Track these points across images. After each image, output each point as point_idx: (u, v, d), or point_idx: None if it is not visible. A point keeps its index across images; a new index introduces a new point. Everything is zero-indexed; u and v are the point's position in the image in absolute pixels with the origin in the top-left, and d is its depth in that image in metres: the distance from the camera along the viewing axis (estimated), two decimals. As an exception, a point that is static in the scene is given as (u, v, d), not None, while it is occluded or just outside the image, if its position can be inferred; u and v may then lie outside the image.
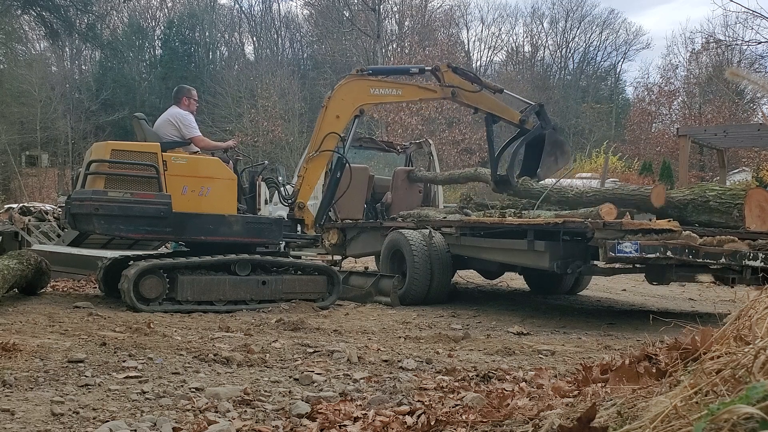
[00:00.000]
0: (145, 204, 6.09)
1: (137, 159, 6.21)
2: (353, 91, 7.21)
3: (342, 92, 7.20)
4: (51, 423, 2.50)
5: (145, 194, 6.12)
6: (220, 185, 6.40)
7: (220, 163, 6.54)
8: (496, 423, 2.05)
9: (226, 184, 6.43)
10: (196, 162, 6.46)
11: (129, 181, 6.17)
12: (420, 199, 10.11)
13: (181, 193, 6.24)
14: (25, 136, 34.25)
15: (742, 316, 1.70)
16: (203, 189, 6.31)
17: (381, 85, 7.30)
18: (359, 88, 7.23)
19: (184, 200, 6.23)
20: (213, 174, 6.42)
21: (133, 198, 6.09)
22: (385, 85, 7.33)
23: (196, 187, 6.29)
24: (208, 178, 6.38)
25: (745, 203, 5.96)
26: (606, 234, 5.36)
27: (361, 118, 7.39)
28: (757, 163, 24.32)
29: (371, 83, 7.27)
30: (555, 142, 7.82)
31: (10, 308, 5.59)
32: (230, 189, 6.47)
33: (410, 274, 6.97)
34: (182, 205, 6.20)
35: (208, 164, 6.50)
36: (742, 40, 27.05)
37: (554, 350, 4.45)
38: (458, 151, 32.35)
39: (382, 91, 7.32)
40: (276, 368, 3.63)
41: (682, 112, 37.49)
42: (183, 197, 6.23)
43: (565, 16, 47.63)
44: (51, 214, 11.04)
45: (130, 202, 6.08)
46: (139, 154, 6.25)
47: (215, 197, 6.35)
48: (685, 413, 1.38)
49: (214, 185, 6.37)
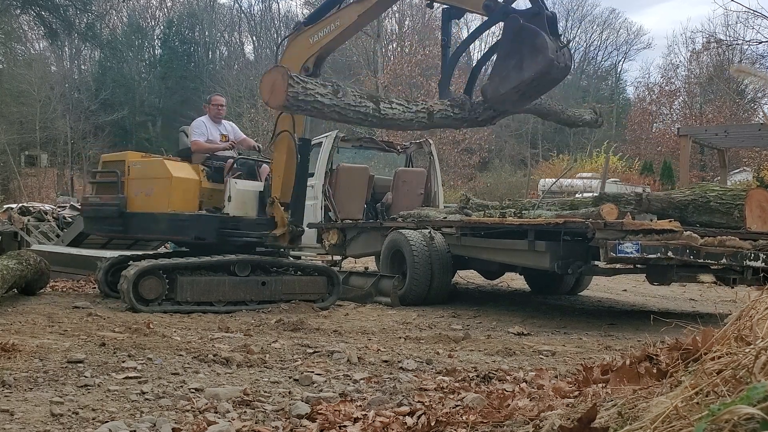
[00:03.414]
0: (106, 206, 6.94)
1: (111, 167, 7.14)
2: (294, 50, 6.47)
3: (284, 59, 6.47)
4: (50, 423, 2.50)
5: (109, 197, 6.96)
6: (162, 184, 6.60)
7: (163, 164, 6.71)
8: (497, 424, 2.04)
9: (165, 184, 6.57)
10: (145, 165, 6.89)
11: (103, 187, 7.20)
12: (420, 200, 10.11)
13: (134, 195, 6.78)
14: (25, 136, 34.25)
15: (743, 317, 1.69)
16: (149, 189, 6.69)
17: (318, 29, 6.35)
18: (299, 44, 6.46)
19: (137, 201, 6.75)
20: (156, 175, 6.71)
21: (101, 201, 7.06)
22: (322, 26, 6.34)
23: (145, 188, 6.72)
24: (153, 179, 6.72)
25: (746, 203, 5.96)
26: (607, 234, 5.35)
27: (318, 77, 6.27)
28: (758, 163, 24.34)
29: (308, 33, 6.41)
30: (520, 34, 5.10)
31: (10, 308, 5.59)
32: (177, 188, 6.55)
33: (410, 275, 6.96)
34: (135, 205, 6.75)
35: (153, 166, 6.84)
36: (743, 40, 27.07)
37: (555, 351, 4.44)
38: (458, 151, 32.36)
39: (321, 33, 6.32)
40: (276, 369, 3.62)
41: (682, 112, 37.50)
42: (136, 198, 6.77)
43: (566, 15, 47.63)
44: (50, 214, 11.04)
45: (98, 204, 7.12)
46: (113, 163, 7.18)
47: (157, 197, 6.64)
48: (685, 414, 1.37)
49: (157, 185, 6.65)
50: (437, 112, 5.69)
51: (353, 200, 9.83)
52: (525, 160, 40.94)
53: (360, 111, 5.33)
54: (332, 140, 9.93)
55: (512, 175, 36.38)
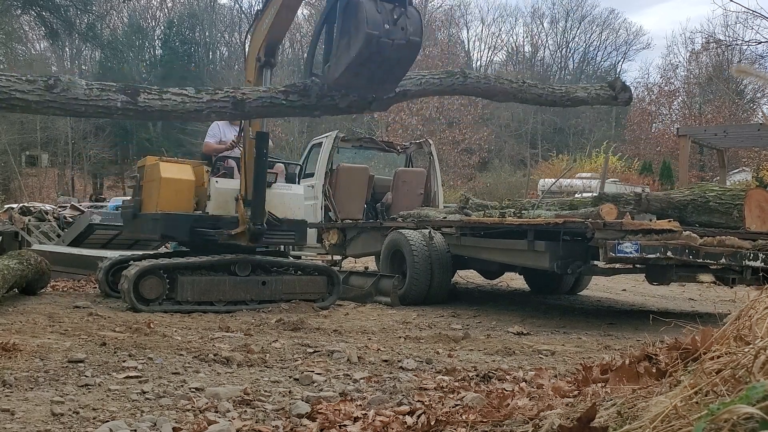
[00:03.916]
0: (128, 209, 7.37)
1: (137, 172, 7.49)
2: (253, 41, 6.26)
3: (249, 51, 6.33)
4: (51, 423, 2.50)
5: (131, 201, 7.44)
6: (155, 186, 6.67)
7: (156, 166, 6.73)
8: (496, 423, 2.05)
9: (156, 185, 6.62)
10: (151, 168, 6.96)
11: (133, 190, 7.72)
12: (420, 200, 10.12)
13: (147, 197, 6.92)
14: (25, 136, 34.26)
15: (742, 316, 1.70)
16: (151, 191, 6.81)
17: (266, 15, 6.00)
18: (256, 33, 6.21)
19: (147, 203, 6.92)
20: (153, 177, 6.79)
21: (129, 204, 7.46)
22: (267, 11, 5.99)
23: (150, 190, 6.84)
24: (151, 181, 6.83)
25: (745, 203, 5.96)
26: (606, 234, 5.35)
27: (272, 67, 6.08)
28: (757, 163, 24.35)
29: (259, 23, 6.14)
30: (347, 6, 4.26)
31: (10, 308, 5.59)
32: (166, 189, 6.55)
33: (410, 274, 6.97)
34: (146, 207, 6.91)
35: (152, 168, 6.89)
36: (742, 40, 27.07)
37: (554, 350, 4.45)
38: (458, 151, 32.37)
39: (267, 19, 5.97)
40: (276, 368, 3.62)
41: (682, 112, 37.53)
42: (147, 200, 6.92)
43: (565, 16, 47.71)
44: (51, 214, 11.05)
45: (125, 207, 7.69)
46: (139, 168, 7.43)
47: (152, 198, 6.74)
48: (685, 413, 1.38)
49: (153, 187, 6.75)
50: (253, 101, 4.66)
51: (353, 200, 9.85)
52: (524, 160, 40.97)
53: (100, 106, 4.33)
54: (332, 140, 9.94)
55: (512, 175, 36.42)
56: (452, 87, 5.95)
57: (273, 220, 6.48)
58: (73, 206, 12.67)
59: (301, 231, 6.89)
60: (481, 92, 5.94)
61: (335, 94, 4.59)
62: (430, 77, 5.83)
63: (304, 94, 4.69)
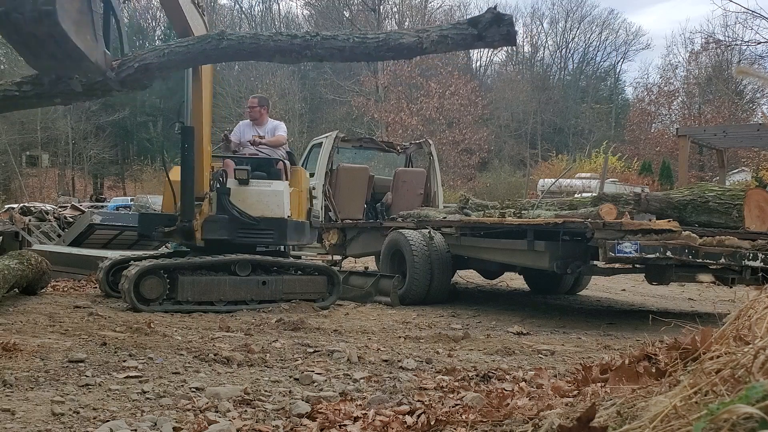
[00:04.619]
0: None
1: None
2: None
3: None
4: (51, 423, 2.51)
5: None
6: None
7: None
8: (496, 423, 2.05)
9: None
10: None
11: None
12: (420, 200, 10.13)
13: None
14: (26, 136, 34.27)
15: (742, 316, 1.70)
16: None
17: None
18: None
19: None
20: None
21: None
22: None
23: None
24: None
25: (745, 203, 5.97)
26: (606, 234, 5.36)
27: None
28: (757, 163, 24.36)
29: None
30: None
31: (11, 308, 5.59)
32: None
33: (410, 274, 6.97)
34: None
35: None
36: (741, 41, 27.09)
37: (554, 350, 4.45)
38: (458, 151, 32.39)
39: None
40: (276, 368, 3.63)
41: (681, 112, 37.56)
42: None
43: (565, 16, 47.75)
44: (51, 214, 11.05)
45: None
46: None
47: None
48: (684, 413, 1.38)
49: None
50: None
51: (353, 200, 9.85)
52: (524, 160, 41.01)
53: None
54: (332, 140, 9.94)
55: (511, 176, 36.46)
56: (204, 53, 3.95)
57: (247, 219, 6.34)
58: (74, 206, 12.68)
59: (281, 229, 6.55)
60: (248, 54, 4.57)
61: (68, 79, 4.16)
62: (176, 46, 4.29)
63: (36, 83, 4.36)
